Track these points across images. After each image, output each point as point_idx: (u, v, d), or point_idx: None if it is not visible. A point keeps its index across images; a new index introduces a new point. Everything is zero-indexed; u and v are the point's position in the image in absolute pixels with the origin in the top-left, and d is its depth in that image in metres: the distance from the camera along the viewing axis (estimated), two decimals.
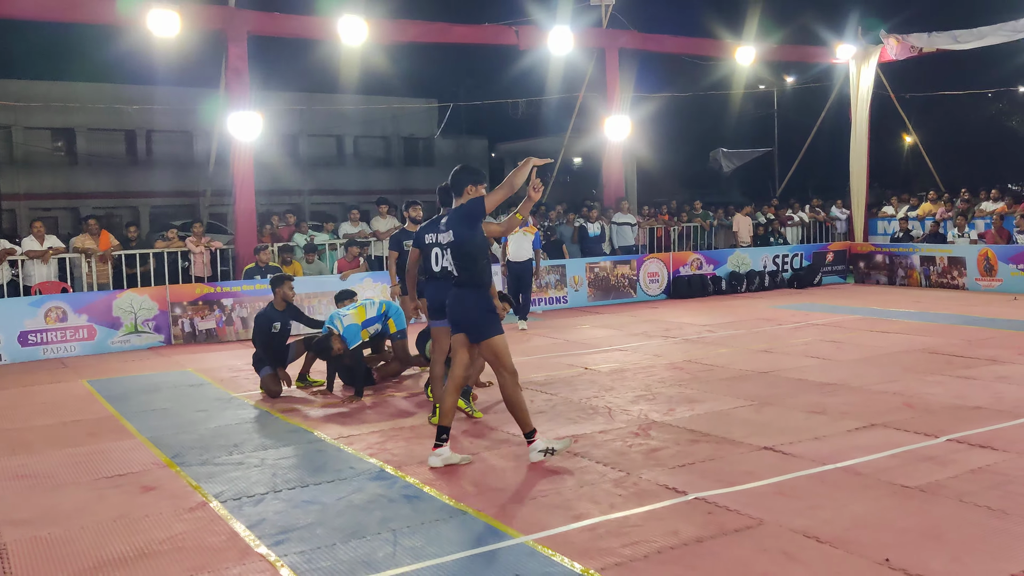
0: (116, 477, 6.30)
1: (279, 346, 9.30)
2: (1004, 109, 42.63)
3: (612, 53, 18.01)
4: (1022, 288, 15.62)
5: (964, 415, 7.11)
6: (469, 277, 6.11)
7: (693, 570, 4.33)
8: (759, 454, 6.24)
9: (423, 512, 5.31)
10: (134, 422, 8.01)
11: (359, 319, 8.85)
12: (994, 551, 4.41)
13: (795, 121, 33.89)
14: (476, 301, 6.11)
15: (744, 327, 12.65)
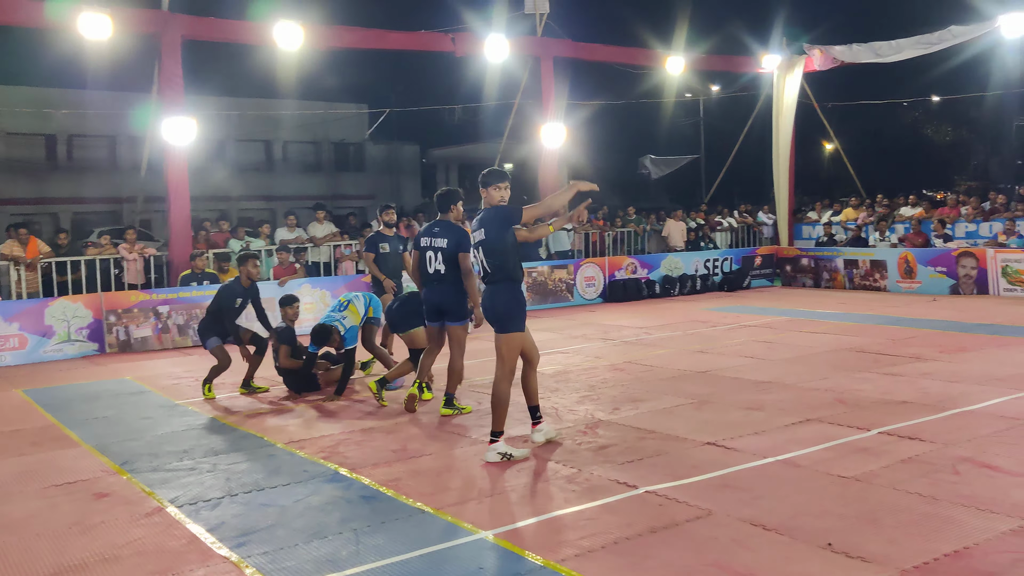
0: (66, 485, 6.24)
1: (231, 323, 9.24)
2: (919, 118, 44.41)
3: (547, 61, 18.28)
4: (940, 289, 16.36)
5: (892, 409, 7.48)
6: (502, 274, 6.42)
7: (649, 559, 4.53)
8: (703, 449, 6.49)
9: (382, 512, 5.40)
10: (77, 431, 7.91)
11: (357, 320, 9.03)
12: (927, 533, 4.71)
13: (721, 129, 34.71)
14: (507, 296, 6.41)
15: (679, 329, 12.99)
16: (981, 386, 8.24)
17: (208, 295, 13.40)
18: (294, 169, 42.07)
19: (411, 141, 46.66)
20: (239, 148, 39.89)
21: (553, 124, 18.35)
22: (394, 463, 6.48)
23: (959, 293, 16.11)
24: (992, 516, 4.90)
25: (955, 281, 16.22)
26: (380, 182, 43.14)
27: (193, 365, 11.50)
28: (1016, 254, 15.50)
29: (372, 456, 6.69)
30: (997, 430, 6.67)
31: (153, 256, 14.69)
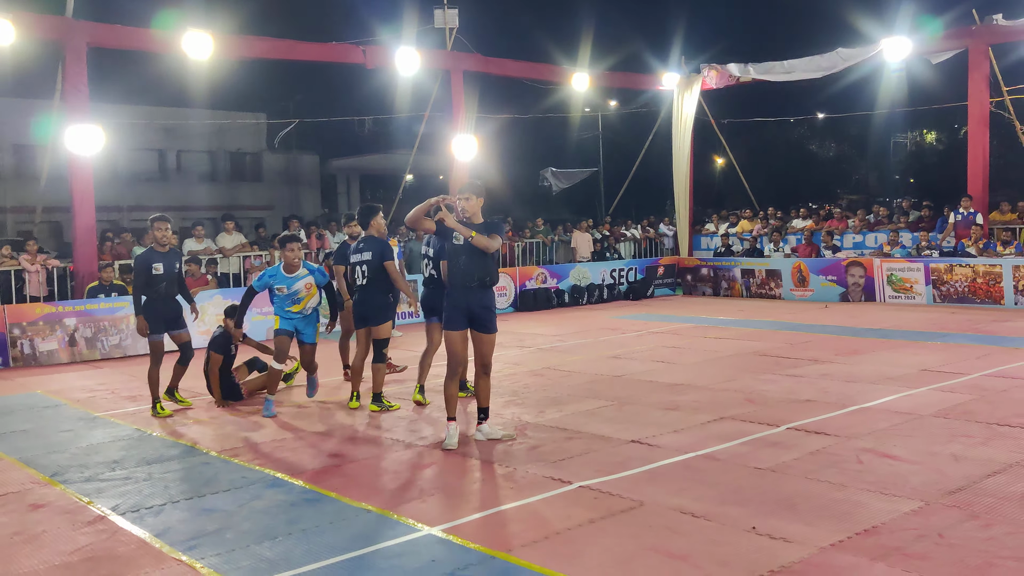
0: None
1: (167, 296, 8.76)
2: (805, 134, 46.54)
3: (457, 75, 18.58)
4: (831, 297, 17.33)
5: (797, 407, 8.02)
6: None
7: (591, 546, 4.84)
8: (628, 446, 6.87)
9: (328, 513, 5.56)
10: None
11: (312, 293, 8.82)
12: (839, 516, 5.16)
13: (620, 143, 35.68)
14: (489, 300, 7.06)
15: (591, 336, 13.43)
16: (875, 385, 8.89)
17: (117, 307, 13.20)
18: (189, 179, 41.10)
19: (311, 151, 46.22)
20: (131, 157, 38.76)
21: (464, 136, 18.64)
22: (331, 467, 6.63)
23: (848, 300, 17.10)
24: (895, 499, 5.40)
25: (845, 289, 17.21)
26: (279, 192, 42.57)
27: (105, 378, 11.31)
28: (900, 263, 16.56)
29: (309, 461, 6.82)
30: (893, 424, 7.26)
31: (56, 267, 14.30)
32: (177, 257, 9.02)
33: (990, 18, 16.91)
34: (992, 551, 4.54)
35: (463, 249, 6.84)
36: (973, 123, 17.64)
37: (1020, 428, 6.95)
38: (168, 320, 8.88)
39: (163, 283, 8.72)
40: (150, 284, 8.66)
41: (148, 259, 8.72)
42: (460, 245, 6.84)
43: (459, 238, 6.82)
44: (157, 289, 8.69)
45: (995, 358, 10.22)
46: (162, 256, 8.74)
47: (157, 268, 8.68)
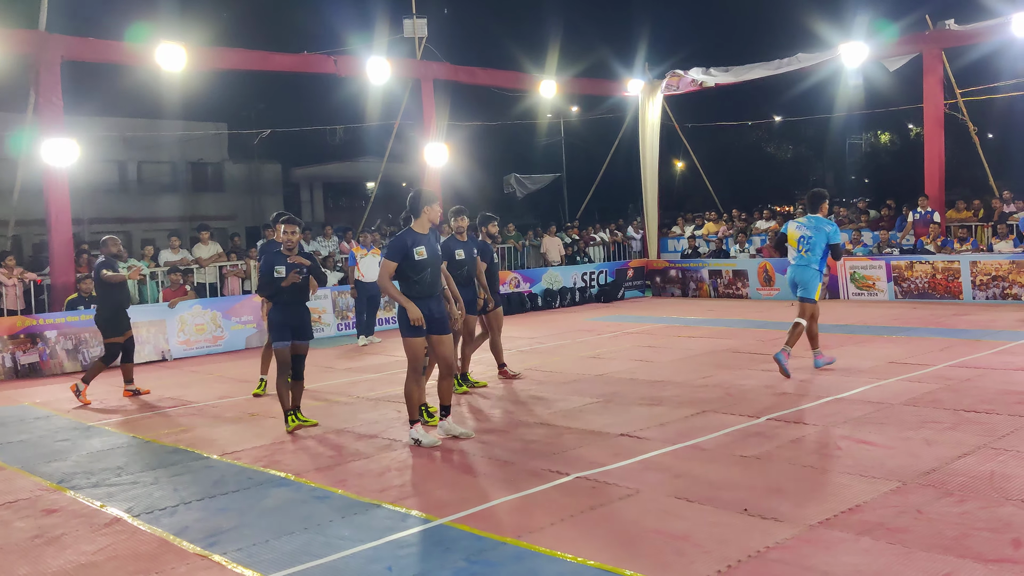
0: (7, 505, 6.31)
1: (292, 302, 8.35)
2: (764, 137, 47.43)
3: (427, 83, 18.84)
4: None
5: (775, 399, 8.40)
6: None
7: (597, 529, 5.13)
8: (618, 440, 7.18)
9: (339, 508, 5.80)
10: None
11: None
12: (824, 497, 5.51)
13: (584, 149, 36.12)
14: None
15: (568, 338, 13.76)
16: (847, 377, 9.30)
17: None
18: (150, 190, 40.83)
19: (273, 160, 46.10)
20: (91, 169, 38.34)
21: (435, 144, 18.89)
22: (335, 467, 6.85)
23: None
24: (874, 480, 5.76)
25: None
26: (241, 202, 42.41)
27: (91, 388, 11.38)
28: (862, 261, 17.11)
29: (311, 462, 7.04)
30: (867, 412, 7.65)
31: (33, 281, 14.30)
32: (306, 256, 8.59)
33: (943, 23, 17.53)
34: (967, 523, 4.90)
35: (431, 260, 7.27)
36: (929, 125, 18.27)
37: (985, 414, 7.38)
38: (295, 328, 8.32)
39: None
40: (274, 287, 8.22)
41: (272, 262, 8.28)
42: (427, 258, 7.24)
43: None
44: (282, 294, 8.24)
45: (957, 350, 10.70)
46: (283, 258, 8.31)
47: (279, 271, 8.22)
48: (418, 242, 7.20)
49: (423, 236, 7.27)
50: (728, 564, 4.52)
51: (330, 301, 15.91)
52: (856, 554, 4.56)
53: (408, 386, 7.33)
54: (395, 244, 7.22)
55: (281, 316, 8.21)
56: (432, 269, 7.25)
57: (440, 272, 7.40)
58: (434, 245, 7.36)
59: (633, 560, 4.63)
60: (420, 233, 7.27)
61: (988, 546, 4.58)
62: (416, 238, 7.23)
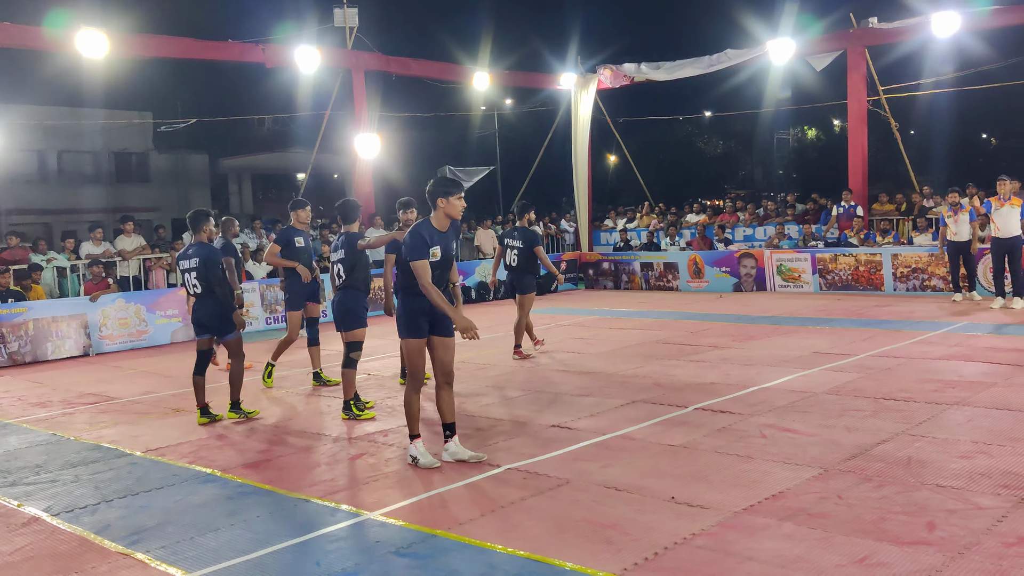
0: None
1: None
2: (694, 132, 48.12)
3: (358, 74, 18.65)
4: (725, 287, 18.14)
5: (702, 389, 8.54)
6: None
7: (526, 520, 5.15)
8: (550, 431, 7.22)
9: (267, 504, 5.72)
10: None
11: None
12: (748, 484, 5.62)
13: (519, 141, 36.21)
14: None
15: (502, 331, 13.78)
16: (772, 367, 9.50)
17: (16, 312, 12.84)
18: (71, 181, 39.65)
19: (200, 150, 45.16)
20: (9, 159, 37.05)
21: (366, 135, 18.72)
22: (262, 462, 6.76)
23: (741, 290, 17.95)
24: (797, 467, 5.90)
25: (738, 279, 18.05)
26: (166, 193, 41.46)
27: (9, 385, 11.04)
28: (788, 254, 17.49)
29: (238, 458, 6.93)
30: (791, 401, 7.83)
31: None
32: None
33: (866, 21, 17.98)
34: (885, 507, 5.05)
35: (443, 263, 6.31)
36: (852, 121, 18.74)
37: (904, 401, 7.61)
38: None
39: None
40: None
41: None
42: (439, 260, 6.26)
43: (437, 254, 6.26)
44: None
45: (878, 340, 11.01)
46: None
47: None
48: (434, 240, 6.20)
49: (440, 234, 6.25)
50: (655, 551, 4.58)
51: (258, 294, 15.66)
52: (778, 539, 4.67)
53: (407, 395, 6.43)
54: (415, 239, 6.14)
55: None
56: (442, 272, 6.29)
57: (449, 271, 6.47)
58: (449, 245, 6.40)
59: (562, 549, 4.66)
60: (438, 230, 6.25)
61: (904, 529, 4.72)
62: (433, 234, 6.21)
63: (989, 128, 44.88)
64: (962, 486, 5.34)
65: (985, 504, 5.02)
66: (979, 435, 6.44)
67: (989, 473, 5.56)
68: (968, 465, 5.75)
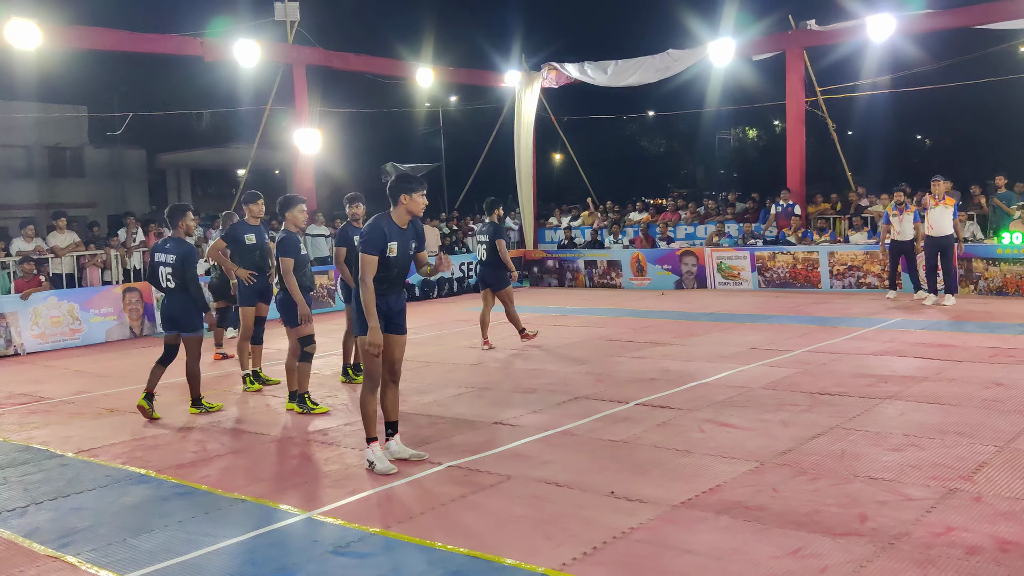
0: None
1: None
2: (637, 131, 48.54)
3: (299, 68, 18.43)
4: (667, 285, 18.34)
5: (643, 385, 8.61)
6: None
7: (466, 517, 5.14)
8: (492, 428, 7.22)
9: (202, 505, 5.62)
10: None
11: None
12: (687, 478, 5.69)
13: (464, 139, 36.13)
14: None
15: (446, 328, 13.75)
16: (711, 363, 9.62)
17: None
18: (2, 175, 38.48)
19: (137, 145, 44.15)
20: None
21: (307, 130, 18.51)
22: (198, 463, 6.64)
23: (683, 287, 18.16)
24: (734, 461, 5.98)
25: (679, 277, 18.26)
26: (103, 189, 40.51)
27: None
28: (728, 252, 17.74)
29: (173, 458, 6.79)
30: (729, 396, 7.94)
31: None
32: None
33: (805, 23, 18.30)
34: (818, 500, 5.15)
35: (400, 260, 6.16)
36: (791, 121, 19.06)
37: (838, 396, 7.77)
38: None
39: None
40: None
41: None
42: (397, 257, 6.12)
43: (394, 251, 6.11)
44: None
45: (814, 336, 11.23)
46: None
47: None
48: (392, 236, 6.05)
49: (399, 230, 6.09)
50: (594, 546, 4.61)
51: None
52: (715, 532, 4.73)
53: (364, 396, 6.18)
54: (373, 233, 5.98)
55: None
56: (400, 269, 6.16)
57: (406, 270, 6.27)
58: (408, 242, 6.17)
59: (502, 546, 4.66)
60: (398, 226, 6.10)
61: (837, 521, 4.82)
62: (392, 230, 6.07)
63: (923, 129, 46.09)
64: (893, 478, 5.47)
65: (915, 495, 5.15)
66: (910, 428, 6.60)
67: (919, 465, 5.70)
68: (899, 458, 5.88)
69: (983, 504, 4.96)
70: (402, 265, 6.17)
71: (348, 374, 9.65)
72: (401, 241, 6.10)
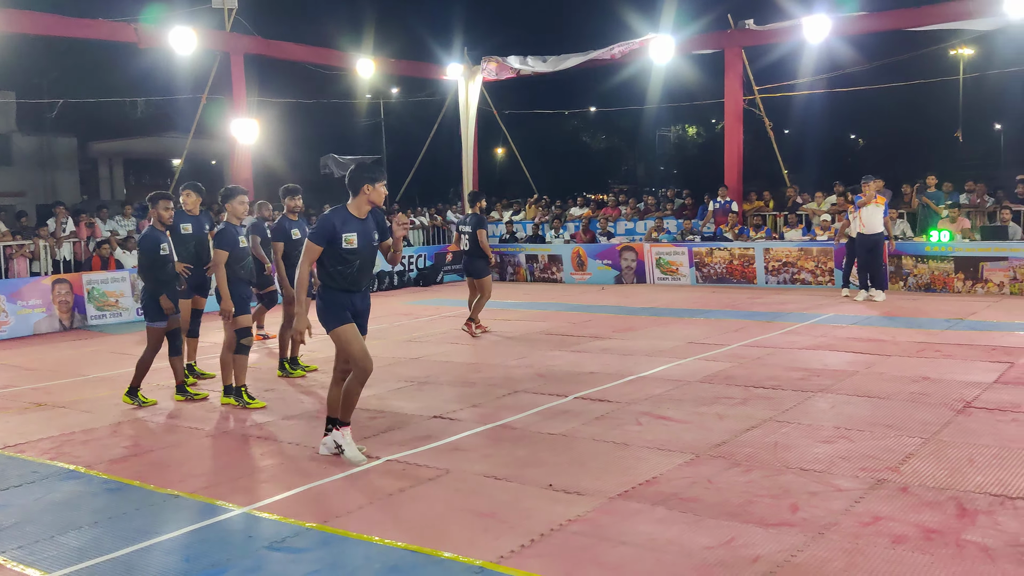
0: None
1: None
2: (579, 126, 48.81)
3: (237, 57, 18.12)
4: (607, 279, 18.49)
5: (582, 379, 8.68)
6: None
7: (405, 511, 5.13)
8: (430, 422, 7.20)
9: (134, 501, 5.50)
10: None
11: None
12: (623, 470, 5.75)
13: (405, 131, 35.90)
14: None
15: (386, 321, 13.66)
16: (649, 357, 9.74)
17: None
18: None
19: (68, 133, 42.93)
20: None
21: (244, 120, 18.22)
22: (130, 458, 6.50)
23: (622, 282, 18.33)
24: (670, 453, 6.06)
25: (619, 272, 18.42)
26: (32, 177, 39.34)
27: None
28: (667, 248, 17.94)
29: (104, 454, 6.64)
30: (666, 390, 8.04)
31: None
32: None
33: (743, 23, 18.57)
34: (751, 491, 5.25)
35: (362, 251, 5.98)
36: (729, 119, 19.35)
37: (772, 389, 7.92)
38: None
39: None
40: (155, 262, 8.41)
41: (155, 239, 8.24)
42: (357, 248, 5.94)
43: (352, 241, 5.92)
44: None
45: (750, 331, 11.43)
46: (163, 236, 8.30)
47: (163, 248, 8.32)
48: (349, 226, 5.88)
49: (357, 221, 5.93)
50: (531, 538, 4.63)
51: (128, 284, 15.04)
52: (651, 523, 4.79)
53: (351, 384, 6.03)
54: (321, 225, 5.88)
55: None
56: (362, 261, 5.97)
57: (372, 263, 6.11)
58: (370, 233, 5.99)
59: (440, 539, 4.66)
60: (354, 216, 5.94)
61: (769, 511, 4.92)
62: (347, 220, 5.91)
63: (857, 129, 47.25)
64: (824, 469, 5.60)
65: (844, 486, 5.28)
66: (841, 421, 6.77)
67: (849, 456, 5.85)
68: (830, 449, 6.03)
69: (909, 494, 5.10)
70: (364, 258, 5.98)
71: (285, 368, 9.55)
72: (361, 232, 5.93)
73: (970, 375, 8.24)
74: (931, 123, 36.75)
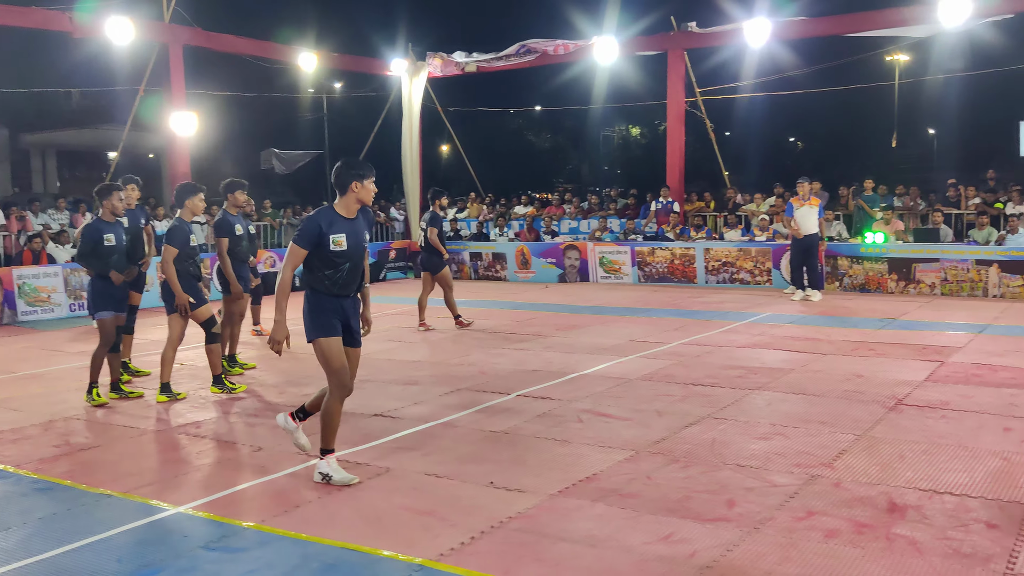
0: None
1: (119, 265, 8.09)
2: (524, 125, 48.91)
3: (176, 48, 17.79)
4: (550, 278, 18.56)
5: (525, 376, 8.70)
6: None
7: (344, 509, 5.09)
8: (371, 420, 7.16)
9: (65, 501, 5.37)
10: None
11: None
12: (564, 467, 5.78)
13: (349, 127, 35.58)
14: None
15: None
16: (591, 355, 9.80)
17: None
18: None
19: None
20: None
21: (183, 113, 17.88)
22: (61, 457, 6.34)
23: (566, 281, 18.42)
24: (610, 450, 6.11)
25: (562, 271, 18.51)
26: None
27: None
28: (610, 247, 18.08)
29: (34, 453, 6.47)
30: (607, 387, 8.11)
31: None
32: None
33: (686, 25, 18.78)
34: (690, 487, 5.32)
35: (352, 252, 5.59)
36: (671, 121, 19.56)
37: (711, 387, 8.03)
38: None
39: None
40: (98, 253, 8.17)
41: (98, 229, 8.07)
42: (347, 250, 5.55)
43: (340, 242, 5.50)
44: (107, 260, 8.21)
45: (690, 329, 11.57)
46: (111, 227, 8.13)
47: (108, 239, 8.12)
48: (337, 227, 5.47)
49: (345, 221, 5.52)
50: (472, 536, 4.63)
51: (61, 279, 14.66)
52: (591, 519, 4.82)
53: (330, 405, 5.58)
54: (306, 227, 5.46)
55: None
56: (352, 263, 5.57)
57: (361, 263, 5.69)
58: (360, 233, 5.61)
59: (380, 538, 4.63)
60: (342, 216, 5.53)
61: (707, 507, 4.99)
62: (335, 221, 5.49)
63: (796, 132, 48.10)
64: (760, 465, 5.70)
65: (780, 482, 5.38)
66: (777, 418, 6.89)
67: (784, 453, 5.96)
68: (766, 446, 6.13)
69: (842, 489, 5.22)
70: (354, 260, 5.57)
71: (223, 365, 9.39)
72: (351, 232, 5.52)
73: (902, 373, 8.46)
74: (868, 127, 37.60)
